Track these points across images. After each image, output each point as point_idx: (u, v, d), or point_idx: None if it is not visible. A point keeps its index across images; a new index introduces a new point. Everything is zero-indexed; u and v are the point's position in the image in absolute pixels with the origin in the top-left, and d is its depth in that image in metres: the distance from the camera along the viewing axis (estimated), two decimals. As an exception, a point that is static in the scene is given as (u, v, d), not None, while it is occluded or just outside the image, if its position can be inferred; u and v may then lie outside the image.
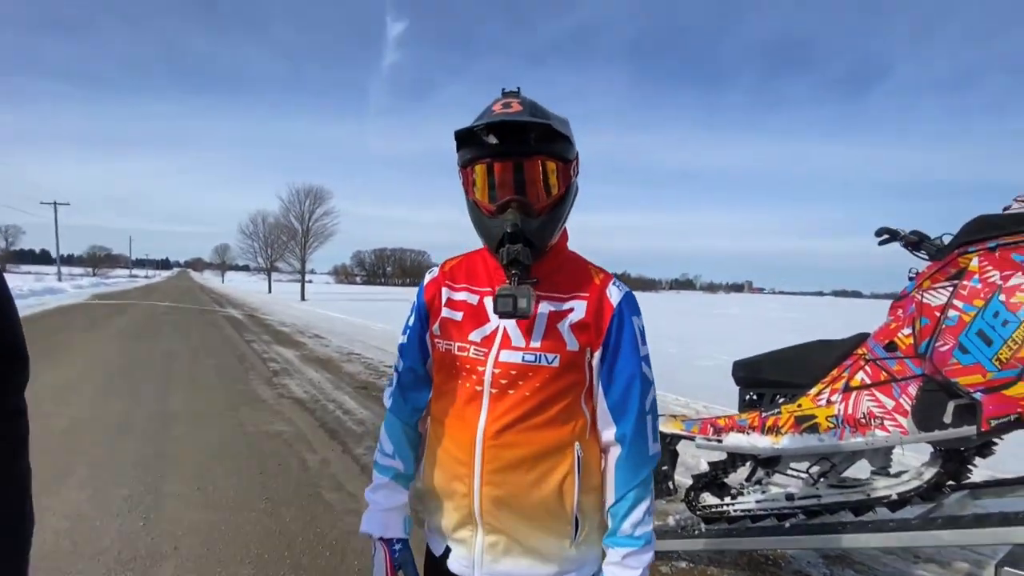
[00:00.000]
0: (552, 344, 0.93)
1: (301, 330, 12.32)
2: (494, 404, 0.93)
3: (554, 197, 0.92)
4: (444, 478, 0.99)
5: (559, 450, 0.94)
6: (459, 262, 1.07)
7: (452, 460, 0.97)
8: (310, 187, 32.70)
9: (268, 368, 7.17)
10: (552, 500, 0.93)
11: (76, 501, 2.93)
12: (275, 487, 3.21)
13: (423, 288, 1.06)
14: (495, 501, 0.93)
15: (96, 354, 7.83)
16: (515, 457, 0.92)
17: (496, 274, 0.99)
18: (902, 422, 1.78)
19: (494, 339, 0.95)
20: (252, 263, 40.36)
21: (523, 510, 0.93)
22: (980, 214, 1.72)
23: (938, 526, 1.64)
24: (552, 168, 0.91)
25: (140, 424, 4.39)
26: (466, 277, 1.03)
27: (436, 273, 1.07)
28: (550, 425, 0.93)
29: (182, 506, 2.92)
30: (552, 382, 0.93)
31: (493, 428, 0.92)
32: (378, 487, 1.07)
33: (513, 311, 0.87)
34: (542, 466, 0.93)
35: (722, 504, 2.44)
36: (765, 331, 16.74)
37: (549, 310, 0.94)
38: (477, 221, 0.96)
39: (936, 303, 1.72)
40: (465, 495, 0.95)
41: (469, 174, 0.93)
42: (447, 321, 1.00)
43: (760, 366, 2.30)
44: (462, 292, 1.01)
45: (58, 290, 23.83)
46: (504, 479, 0.92)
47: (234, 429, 4.35)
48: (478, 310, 0.98)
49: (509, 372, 0.93)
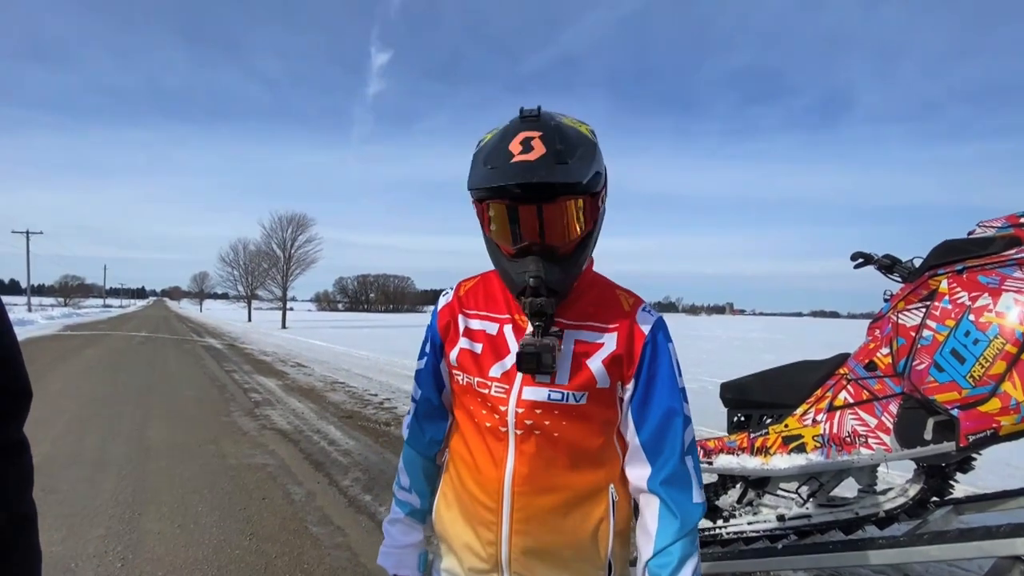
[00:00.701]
0: (580, 381, 0.85)
1: (283, 359, 12.09)
2: (521, 446, 0.85)
3: (580, 236, 0.83)
4: (466, 522, 0.91)
5: (594, 494, 0.88)
6: (475, 284, 0.98)
7: (476, 504, 0.89)
8: (292, 214, 32.57)
9: (250, 399, 7.01)
10: (587, 547, 0.87)
11: (49, 542, 2.80)
12: (260, 521, 3.12)
13: (436, 313, 0.98)
14: (526, 551, 0.86)
15: (69, 387, 7.56)
16: (548, 504, 0.85)
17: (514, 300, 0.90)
18: (885, 439, 1.83)
19: (515, 374, 0.87)
20: (232, 291, 39.69)
21: (555, 559, 0.87)
22: (946, 239, 1.82)
23: (925, 542, 1.67)
24: (578, 206, 0.80)
25: (117, 459, 4.23)
26: (483, 303, 0.95)
27: (450, 297, 0.98)
28: (583, 468, 0.87)
29: (162, 545, 2.81)
30: (582, 421, 0.86)
31: (522, 473, 0.85)
32: (395, 520, 1.02)
33: (536, 369, 0.79)
34: (576, 513, 0.86)
35: (714, 527, 2.45)
36: (748, 352, 16.95)
37: (575, 343, 0.86)
38: (495, 259, 0.88)
39: (911, 323, 1.80)
40: (492, 543, 0.87)
41: (485, 209, 0.84)
42: (466, 353, 0.92)
43: (747, 387, 2.34)
44: (478, 320, 0.93)
45: (28, 321, 23.04)
46: (536, 528, 0.85)
47: (216, 462, 4.23)
48: (497, 341, 0.90)
49: (534, 411, 0.84)
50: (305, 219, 32.86)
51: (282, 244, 32.38)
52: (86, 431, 5.08)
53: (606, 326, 0.88)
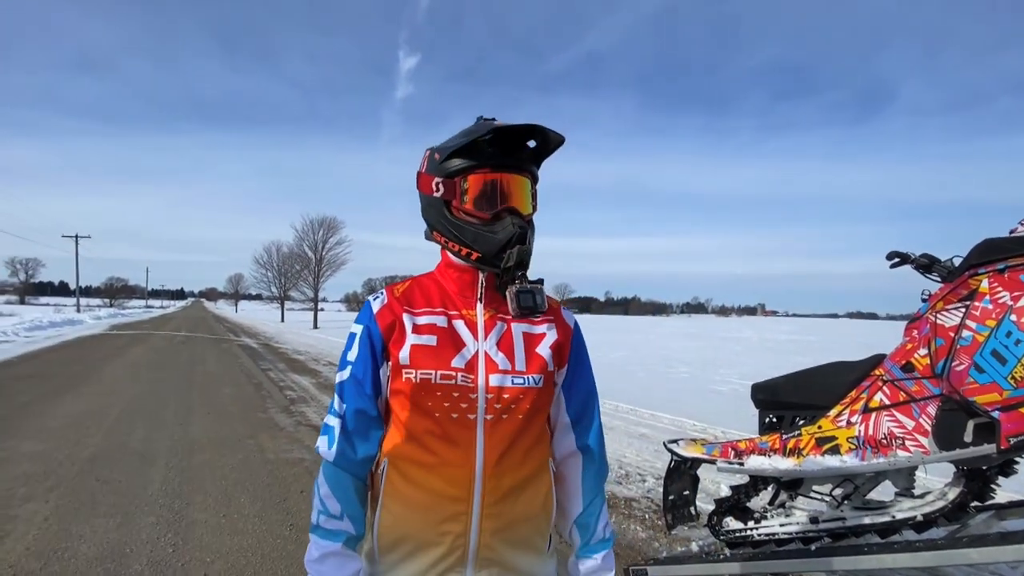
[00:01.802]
0: (536, 366, 0.94)
1: (315, 358, 12.42)
2: (490, 431, 0.89)
3: (532, 215, 0.97)
4: (428, 524, 0.89)
5: (542, 468, 0.97)
6: (409, 287, 1.00)
7: (441, 501, 0.89)
8: (323, 217, 33.34)
9: (285, 396, 7.24)
10: (539, 519, 0.95)
11: (106, 529, 2.99)
12: (299, 513, 3.25)
13: (373, 316, 0.95)
14: (495, 533, 0.90)
15: (117, 383, 7.97)
16: (513, 483, 0.91)
17: (460, 296, 0.98)
18: (923, 442, 1.80)
19: (477, 364, 0.91)
20: (265, 292, 40.83)
21: (516, 536, 0.92)
22: (987, 237, 1.78)
23: (965, 544, 1.64)
24: (532, 188, 0.97)
25: (164, 452, 4.46)
26: (424, 301, 0.97)
27: (385, 299, 0.97)
28: (536, 446, 0.96)
29: (209, 533, 2.97)
30: (537, 403, 0.94)
31: (492, 457, 0.89)
32: (326, 556, 0.92)
33: (533, 306, 0.92)
34: (531, 488, 0.94)
35: (746, 528, 2.44)
36: (779, 354, 16.53)
37: (524, 332, 0.96)
38: (465, 231, 0.93)
39: (950, 324, 1.77)
40: (460, 535, 0.88)
41: (458, 184, 0.93)
42: (420, 348, 0.91)
43: (779, 388, 2.33)
44: (426, 316, 0.95)
45: (77, 321, 24.29)
46: (502, 508, 0.90)
47: (256, 456, 4.41)
48: (451, 334, 0.93)
49: (501, 396, 0.90)
50: (335, 222, 33.62)
51: (313, 246, 33.20)
52: (135, 425, 5.36)
53: (543, 320, 0.99)
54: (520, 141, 0.95)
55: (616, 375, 10.23)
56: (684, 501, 2.58)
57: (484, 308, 0.97)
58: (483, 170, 0.92)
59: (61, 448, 4.48)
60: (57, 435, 4.86)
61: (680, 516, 2.56)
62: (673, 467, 2.56)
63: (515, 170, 0.94)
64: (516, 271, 0.92)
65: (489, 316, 0.96)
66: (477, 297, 0.97)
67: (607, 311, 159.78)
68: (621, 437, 5.33)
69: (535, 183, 0.98)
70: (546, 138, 0.94)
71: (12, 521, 3.06)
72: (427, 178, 0.97)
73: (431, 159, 0.98)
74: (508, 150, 0.93)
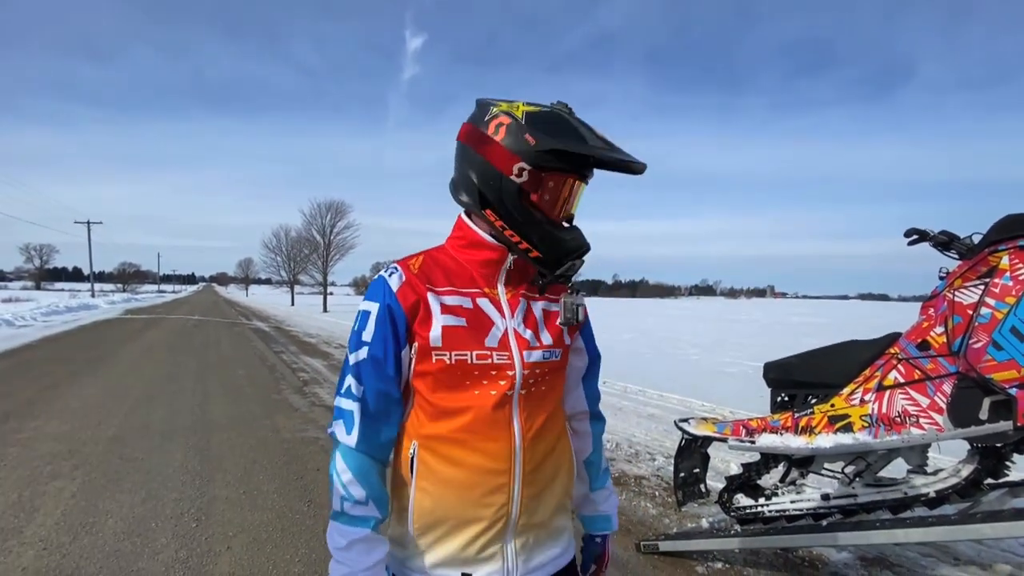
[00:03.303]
0: (557, 339, 0.99)
1: (326, 340, 12.57)
2: (524, 405, 0.94)
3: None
4: (468, 499, 0.90)
5: (564, 430, 1.05)
6: (425, 261, 0.96)
7: (483, 475, 0.90)
8: (331, 201, 33.44)
9: (298, 378, 7.35)
10: (566, 477, 1.03)
11: (131, 504, 3.09)
12: (315, 490, 3.33)
13: (394, 293, 0.91)
14: (532, 498, 0.94)
15: (135, 365, 8.13)
16: (545, 449, 0.97)
17: (480, 275, 0.96)
18: (938, 419, 1.80)
19: (508, 342, 0.93)
20: (275, 276, 41.16)
21: (550, 496, 0.99)
22: (1008, 213, 1.75)
23: (977, 520, 1.66)
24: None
25: (183, 431, 4.57)
26: (445, 279, 0.95)
27: (403, 275, 0.93)
28: (558, 409, 1.03)
29: (231, 509, 3.06)
30: (559, 373, 1.02)
31: (529, 429, 0.94)
32: (353, 543, 0.89)
33: (575, 319, 0.97)
34: (558, 449, 1.01)
35: (757, 505, 2.47)
36: (789, 336, 16.46)
37: (543, 309, 1.00)
38: (535, 226, 0.90)
39: (968, 301, 1.75)
40: (503, 506, 0.91)
41: (544, 179, 0.90)
42: (452, 330, 0.90)
43: (791, 367, 2.33)
44: (451, 296, 0.93)
45: (92, 306, 24.67)
46: (537, 475, 0.95)
47: (272, 436, 4.51)
48: (478, 313, 0.93)
49: (535, 371, 0.94)
50: (343, 206, 33.71)
51: (322, 230, 33.36)
52: (154, 406, 5.48)
53: (556, 296, 1.02)
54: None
55: (625, 357, 10.25)
56: (694, 479, 2.61)
57: (506, 287, 0.99)
58: (574, 176, 0.92)
59: (84, 428, 4.61)
60: (80, 416, 4.99)
61: (690, 493, 2.59)
62: (684, 445, 2.59)
63: (586, 180, 0.96)
64: (568, 281, 0.96)
65: (511, 295, 0.98)
66: (499, 277, 0.98)
67: (615, 294, 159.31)
68: (630, 417, 5.37)
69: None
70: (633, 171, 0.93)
71: (41, 497, 3.17)
72: (505, 153, 0.88)
73: (517, 135, 0.88)
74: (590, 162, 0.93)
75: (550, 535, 1.00)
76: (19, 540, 2.66)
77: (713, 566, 2.50)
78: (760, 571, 2.46)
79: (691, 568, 2.48)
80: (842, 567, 2.48)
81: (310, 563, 2.49)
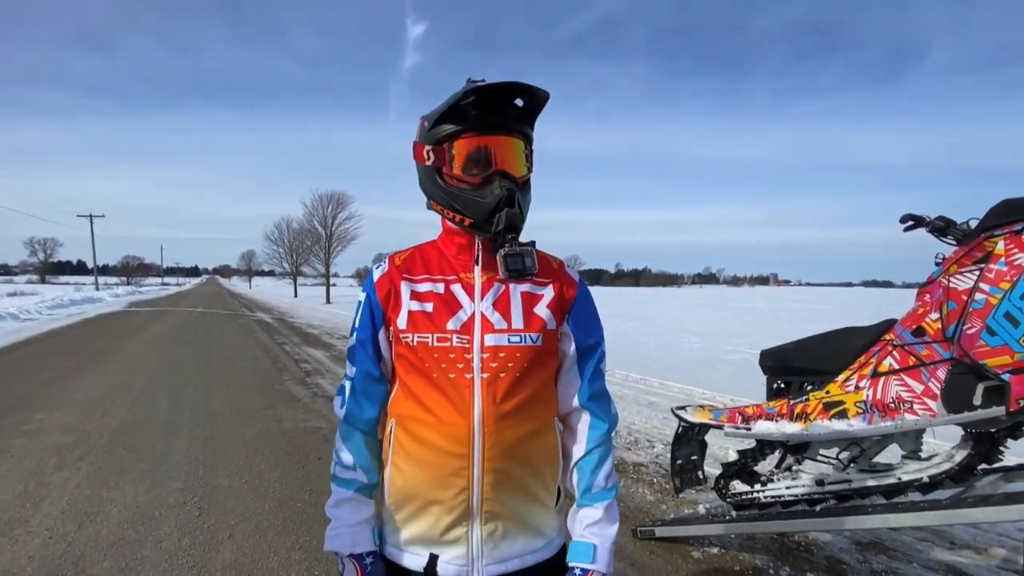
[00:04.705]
0: (535, 324, 0.96)
1: (328, 332, 12.62)
2: (487, 389, 0.92)
3: (526, 176, 0.97)
4: (432, 480, 0.93)
5: (547, 427, 0.99)
6: (410, 255, 1.03)
7: (443, 456, 0.92)
8: (332, 193, 33.25)
9: (301, 369, 7.40)
10: (544, 473, 0.98)
11: (135, 494, 3.13)
12: (317, 479, 3.37)
13: (374, 285, 1.00)
14: (496, 486, 0.93)
15: (139, 358, 8.19)
16: (514, 438, 0.93)
17: (458, 261, 1.00)
18: (931, 405, 1.81)
19: (473, 325, 0.94)
20: (278, 268, 41.20)
21: (520, 487, 0.95)
22: (1005, 198, 1.74)
23: (969, 504, 1.66)
24: (525, 150, 0.95)
25: (186, 422, 4.62)
26: (424, 268, 1.00)
27: (386, 267, 1.02)
28: (540, 402, 0.98)
29: (233, 497, 3.10)
30: (538, 360, 0.96)
31: (492, 413, 0.92)
32: (341, 502, 1.00)
33: (522, 268, 0.90)
34: (535, 443, 0.96)
35: (752, 491, 2.49)
36: (792, 324, 16.44)
37: (524, 292, 0.98)
38: (456, 197, 0.94)
39: (963, 287, 1.75)
40: (464, 488, 0.92)
41: (446, 151, 0.93)
42: (417, 315, 0.96)
43: (787, 355, 2.33)
44: (425, 283, 0.98)
45: (97, 299, 24.83)
46: (504, 464, 0.93)
47: (274, 426, 4.55)
48: (448, 299, 0.96)
49: (498, 355, 0.93)
50: (345, 197, 33.56)
51: (323, 222, 33.26)
52: (157, 397, 5.53)
53: (543, 280, 1.00)
54: (507, 101, 0.93)
55: (627, 345, 10.27)
56: (692, 465, 2.63)
57: (482, 271, 0.99)
58: (470, 134, 0.92)
59: (89, 420, 4.66)
60: (84, 408, 5.04)
61: (688, 480, 2.62)
62: (681, 432, 2.60)
63: (503, 131, 0.93)
64: (507, 235, 0.91)
65: (487, 279, 0.98)
66: (474, 261, 0.99)
67: (618, 283, 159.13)
68: (631, 405, 5.39)
69: (528, 144, 0.97)
70: (532, 95, 0.92)
71: (47, 487, 3.22)
72: (419, 147, 0.98)
73: (422, 127, 0.98)
74: (495, 111, 0.92)
75: (524, 529, 0.97)
76: (25, 529, 2.71)
77: (709, 551, 2.53)
78: (756, 556, 2.48)
79: (687, 553, 2.51)
80: (837, 551, 2.50)
81: (311, 550, 2.53)
